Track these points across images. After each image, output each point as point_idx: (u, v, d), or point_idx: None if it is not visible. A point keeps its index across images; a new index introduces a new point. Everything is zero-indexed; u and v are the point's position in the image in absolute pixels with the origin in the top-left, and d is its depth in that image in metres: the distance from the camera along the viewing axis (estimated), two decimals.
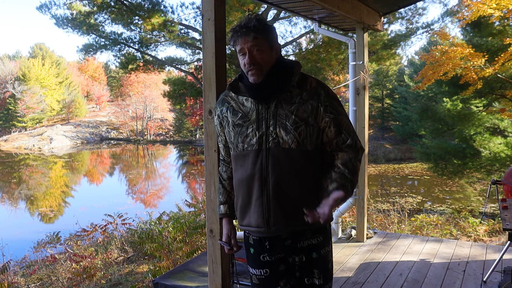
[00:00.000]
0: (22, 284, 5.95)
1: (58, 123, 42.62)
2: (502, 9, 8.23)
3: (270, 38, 1.81)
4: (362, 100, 4.75)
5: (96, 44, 15.08)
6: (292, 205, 1.81)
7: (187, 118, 37.40)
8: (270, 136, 1.78)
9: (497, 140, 11.08)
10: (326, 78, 14.29)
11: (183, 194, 17.83)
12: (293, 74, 1.81)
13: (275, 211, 1.80)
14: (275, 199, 1.79)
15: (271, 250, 1.91)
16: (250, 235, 1.95)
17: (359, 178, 4.81)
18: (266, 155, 1.79)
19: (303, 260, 1.91)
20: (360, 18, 4.42)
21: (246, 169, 1.83)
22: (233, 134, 1.86)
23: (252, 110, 1.83)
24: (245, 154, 1.83)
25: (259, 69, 1.77)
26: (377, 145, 27.58)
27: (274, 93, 1.80)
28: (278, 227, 1.83)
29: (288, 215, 1.82)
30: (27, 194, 19.16)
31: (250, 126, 1.82)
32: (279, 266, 1.93)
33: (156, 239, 6.27)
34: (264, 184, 1.80)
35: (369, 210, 8.22)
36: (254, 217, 1.84)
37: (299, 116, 1.77)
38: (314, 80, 1.86)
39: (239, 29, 1.76)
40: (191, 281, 3.61)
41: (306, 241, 1.89)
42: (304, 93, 1.81)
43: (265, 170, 1.79)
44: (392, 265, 4.06)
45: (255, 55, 1.76)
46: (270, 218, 1.82)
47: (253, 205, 1.84)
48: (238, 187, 1.90)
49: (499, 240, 6.19)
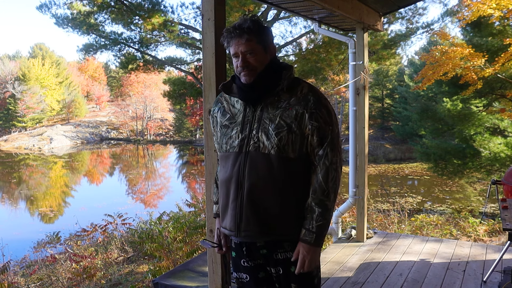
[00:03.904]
0: (22, 284, 5.95)
1: (58, 123, 42.62)
2: (502, 9, 8.24)
3: (264, 39, 1.77)
4: (362, 100, 4.75)
5: (96, 44, 15.08)
6: (266, 212, 1.74)
7: (187, 118, 37.43)
8: (251, 140, 1.74)
9: (497, 140, 11.08)
10: (326, 78, 14.30)
11: (183, 194, 17.86)
12: (281, 77, 1.77)
13: (247, 216, 1.75)
14: (248, 204, 1.74)
15: (249, 255, 1.87)
16: (232, 239, 1.94)
17: (359, 178, 4.83)
18: (244, 158, 1.75)
19: (280, 272, 1.82)
20: (360, 18, 4.42)
21: (226, 170, 1.81)
22: (220, 134, 1.86)
23: (240, 112, 1.81)
24: (227, 155, 1.81)
25: (252, 70, 1.75)
26: (377, 145, 27.57)
27: (262, 96, 1.77)
28: (248, 233, 1.77)
29: (260, 222, 1.74)
30: (27, 194, 19.15)
31: (235, 128, 1.80)
32: (258, 273, 1.89)
33: (156, 239, 6.27)
34: (240, 187, 1.75)
35: (369, 210, 8.22)
36: (228, 220, 1.81)
37: (282, 121, 1.72)
38: (306, 86, 1.80)
39: (233, 30, 1.74)
40: (191, 281, 3.61)
41: (284, 253, 1.79)
42: (292, 98, 1.75)
43: (242, 173, 1.75)
44: (392, 265, 4.06)
45: (248, 58, 1.74)
46: (241, 223, 1.76)
47: (229, 207, 1.81)
48: (220, 188, 1.89)
49: (499, 240, 6.19)
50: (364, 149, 4.79)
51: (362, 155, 4.79)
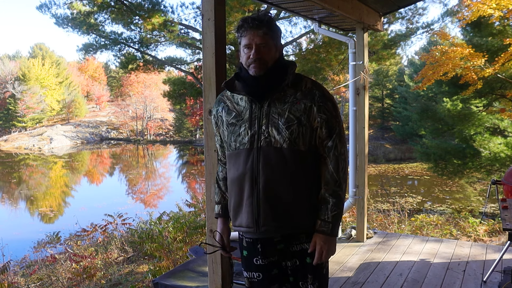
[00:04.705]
0: (22, 284, 5.95)
1: (58, 123, 42.61)
2: (502, 9, 8.24)
3: (276, 37, 1.82)
4: (362, 100, 4.75)
5: (96, 43, 15.08)
6: (282, 205, 1.78)
7: (187, 118, 37.42)
8: (262, 135, 1.77)
9: (497, 140, 11.09)
10: (326, 78, 14.29)
11: (183, 194, 17.86)
12: (286, 73, 1.81)
13: (265, 211, 1.77)
14: (265, 199, 1.77)
15: (264, 253, 1.88)
16: (244, 237, 1.94)
17: (359, 178, 4.83)
18: (257, 154, 1.77)
19: (296, 264, 1.88)
20: (360, 18, 4.42)
21: (238, 168, 1.82)
22: (227, 133, 1.87)
23: (246, 109, 1.83)
24: (238, 153, 1.82)
25: (264, 63, 1.78)
26: (377, 145, 27.57)
27: (268, 92, 1.80)
28: (268, 228, 1.80)
29: (278, 216, 1.78)
30: (27, 194, 19.15)
31: (243, 125, 1.81)
32: (272, 270, 1.90)
33: (156, 239, 6.27)
34: (255, 183, 1.77)
35: (369, 210, 8.22)
36: (245, 217, 1.82)
37: (291, 115, 1.76)
38: (309, 81, 1.85)
39: (251, 20, 1.75)
40: (191, 281, 3.61)
41: (300, 245, 1.86)
42: (298, 93, 1.80)
43: (256, 169, 1.77)
44: (392, 265, 4.06)
45: (262, 51, 1.76)
46: (259, 219, 1.79)
47: (244, 204, 1.82)
48: (231, 187, 1.89)
49: (499, 240, 6.19)
50: (364, 149, 4.79)
51: (362, 155, 4.79)
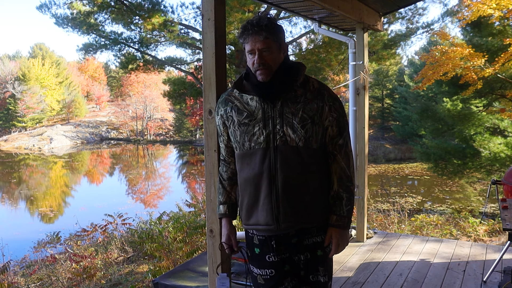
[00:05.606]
0: (22, 284, 5.95)
1: (58, 123, 42.61)
2: (502, 9, 8.24)
3: (279, 38, 1.82)
4: (362, 100, 4.75)
5: (96, 43, 15.09)
6: (301, 201, 1.84)
7: (187, 118, 37.39)
8: (277, 135, 1.81)
9: (497, 140, 11.08)
10: (326, 78, 14.30)
11: (183, 194, 17.85)
12: (299, 74, 1.85)
13: (285, 208, 1.82)
14: (284, 196, 1.82)
15: (277, 249, 1.92)
16: (255, 235, 1.96)
17: (359, 178, 4.83)
18: (274, 153, 1.81)
19: (308, 257, 1.94)
20: (360, 18, 4.42)
21: (253, 167, 1.85)
22: (239, 133, 1.87)
23: (258, 109, 1.84)
24: (252, 152, 1.85)
25: (268, 68, 1.80)
26: (377, 145, 27.57)
27: (279, 92, 1.82)
28: (288, 224, 1.85)
29: (297, 212, 1.84)
30: (27, 194, 19.15)
31: (257, 124, 1.83)
32: (284, 266, 1.94)
33: (156, 239, 6.27)
34: (273, 182, 1.82)
35: (369, 210, 8.22)
36: (263, 215, 1.85)
37: (305, 115, 1.81)
38: (316, 81, 1.90)
39: (250, 27, 1.77)
40: (191, 281, 3.61)
41: (311, 239, 1.93)
42: (307, 93, 1.84)
43: (273, 168, 1.81)
44: (392, 265, 4.06)
45: (264, 56, 1.78)
46: (279, 215, 1.83)
47: (261, 203, 1.85)
48: (244, 186, 1.91)
49: (499, 240, 6.19)
50: (364, 149, 4.79)
51: (362, 155, 4.79)
